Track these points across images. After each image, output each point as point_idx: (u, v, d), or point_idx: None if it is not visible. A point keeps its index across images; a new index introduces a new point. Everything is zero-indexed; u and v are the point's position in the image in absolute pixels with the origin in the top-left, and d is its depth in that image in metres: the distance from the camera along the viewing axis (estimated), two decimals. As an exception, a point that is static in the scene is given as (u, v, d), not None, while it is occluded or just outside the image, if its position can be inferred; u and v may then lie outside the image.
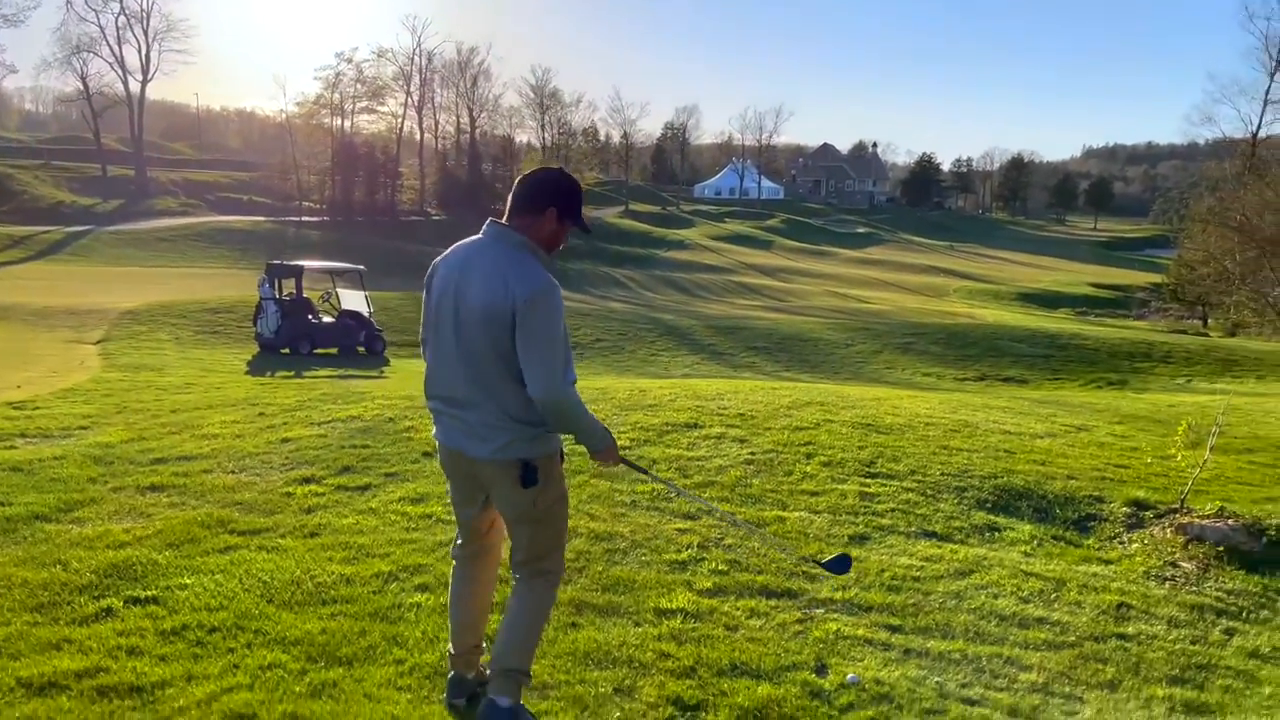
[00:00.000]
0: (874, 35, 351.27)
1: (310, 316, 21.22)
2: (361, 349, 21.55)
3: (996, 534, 5.86)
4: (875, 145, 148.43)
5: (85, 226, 53.19)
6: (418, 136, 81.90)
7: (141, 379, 13.18)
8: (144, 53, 71.08)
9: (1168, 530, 5.88)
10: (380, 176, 74.18)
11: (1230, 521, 5.87)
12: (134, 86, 71.58)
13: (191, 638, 3.97)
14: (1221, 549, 5.55)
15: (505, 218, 3.27)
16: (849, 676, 3.81)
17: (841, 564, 4.03)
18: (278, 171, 72.25)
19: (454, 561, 3.64)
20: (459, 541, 3.62)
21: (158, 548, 5.08)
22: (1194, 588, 5.13)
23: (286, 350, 20.52)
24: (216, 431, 8.16)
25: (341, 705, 3.46)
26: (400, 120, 78.84)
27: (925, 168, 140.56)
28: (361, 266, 23.69)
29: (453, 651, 3.57)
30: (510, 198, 3.28)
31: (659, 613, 4.40)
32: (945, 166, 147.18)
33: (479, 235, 3.29)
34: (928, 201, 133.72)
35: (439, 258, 3.40)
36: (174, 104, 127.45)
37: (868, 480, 6.69)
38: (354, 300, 22.14)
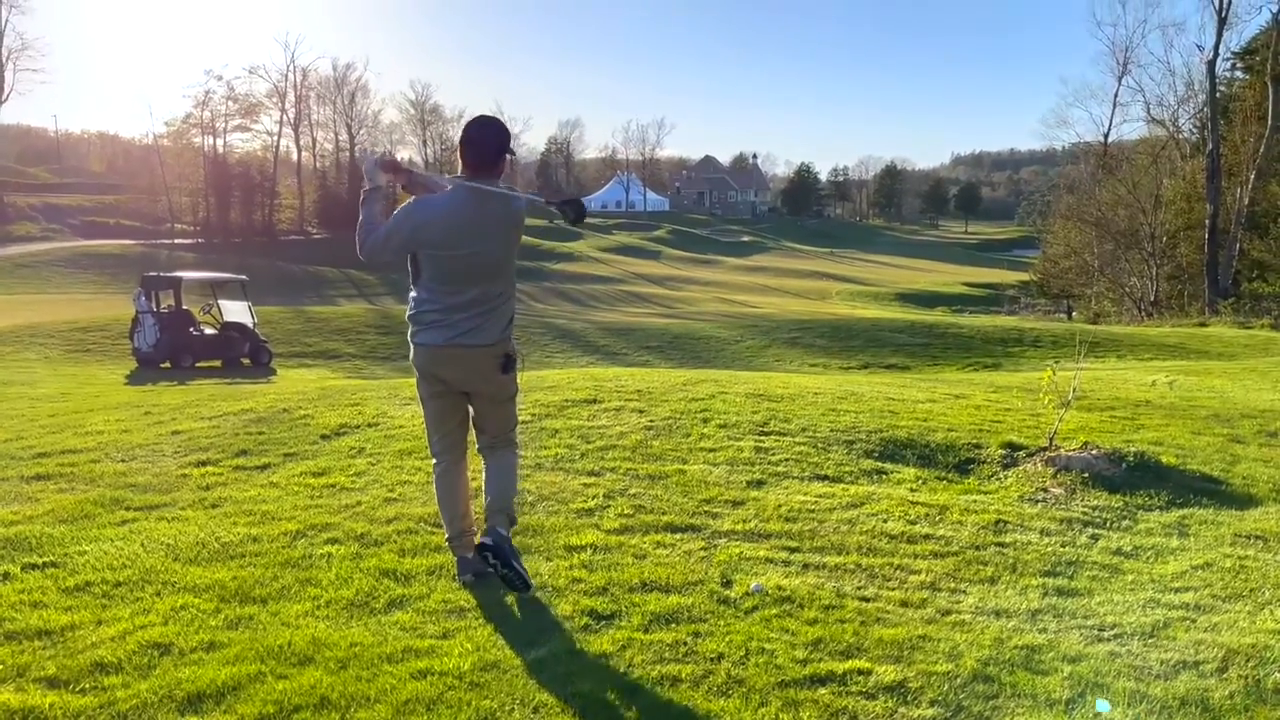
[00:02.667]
0: (747, 46, 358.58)
1: (191, 329, 20.55)
2: (246, 360, 20.96)
3: (884, 476, 6.19)
4: (756, 156, 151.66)
5: (-63, 255, 50.19)
6: (295, 155, 79.94)
7: (13, 391, 12.61)
8: (-3, 74, 67.56)
9: (1039, 464, 6.32)
10: (257, 196, 72.13)
11: (1094, 452, 6.35)
12: (-13, 108, 68.06)
13: (97, 591, 3.92)
14: (1086, 475, 6.00)
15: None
16: (753, 585, 4.02)
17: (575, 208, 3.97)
18: (146, 193, 69.46)
19: (439, 471, 4.30)
20: (441, 454, 4.28)
21: (51, 524, 4.95)
22: (1063, 507, 5.54)
23: (167, 364, 19.82)
24: (101, 428, 7.89)
25: (259, 633, 3.48)
26: (276, 139, 76.87)
27: (804, 177, 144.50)
28: (243, 276, 23.03)
29: (451, 537, 4.22)
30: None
31: (569, 549, 4.53)
32: (823, 176, 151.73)
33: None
34: (808, 210, 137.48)
35: None
36: (30, 127, 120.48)
37: (762, 437, 6.95)
38: (237, 311, 21.51)
